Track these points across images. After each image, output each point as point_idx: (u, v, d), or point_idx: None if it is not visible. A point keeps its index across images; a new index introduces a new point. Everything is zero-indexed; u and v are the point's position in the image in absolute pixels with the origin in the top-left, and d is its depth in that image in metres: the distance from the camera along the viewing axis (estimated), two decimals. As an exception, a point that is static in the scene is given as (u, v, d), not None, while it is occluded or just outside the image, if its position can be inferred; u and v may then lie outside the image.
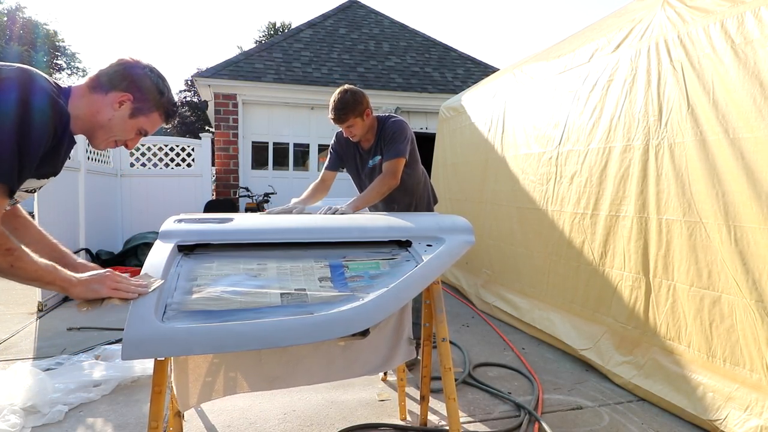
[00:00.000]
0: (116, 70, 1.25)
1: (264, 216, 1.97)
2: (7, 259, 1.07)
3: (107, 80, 1.24)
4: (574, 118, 3.11)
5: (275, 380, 1.77)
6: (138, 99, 1.26)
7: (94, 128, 1.25)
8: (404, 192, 2.70)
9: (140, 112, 1.27)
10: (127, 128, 1.28)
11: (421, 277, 1.43)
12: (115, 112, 1.24)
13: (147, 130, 1.32)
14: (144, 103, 1.27)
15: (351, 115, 2.44)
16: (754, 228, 1.93)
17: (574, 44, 3.34)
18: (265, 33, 30.83)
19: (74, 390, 2.32)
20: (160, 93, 1.30)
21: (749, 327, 1.95)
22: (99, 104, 1.23)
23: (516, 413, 2.24)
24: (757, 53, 1.94)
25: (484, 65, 9.17)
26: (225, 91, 7.37)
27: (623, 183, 2.66)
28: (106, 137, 1.28)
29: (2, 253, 1.07)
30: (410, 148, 2.58)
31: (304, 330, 1.18)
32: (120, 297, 1.17)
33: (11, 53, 21.29)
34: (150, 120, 1.31)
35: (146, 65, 1.29)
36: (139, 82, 1.26)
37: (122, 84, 1.24)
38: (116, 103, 1.24)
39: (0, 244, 1.06)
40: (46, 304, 3.98)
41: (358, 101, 2.46)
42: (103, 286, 1.18)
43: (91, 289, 1.17)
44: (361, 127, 2.51)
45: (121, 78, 1.24)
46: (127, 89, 1.24)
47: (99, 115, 1.24)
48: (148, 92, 1.27)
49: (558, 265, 3.20)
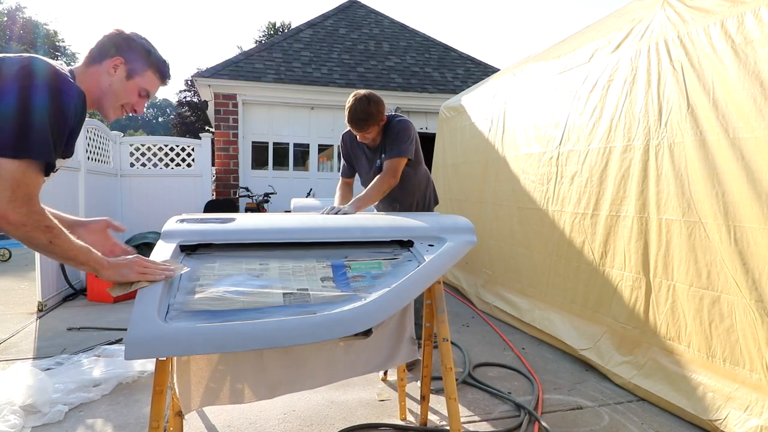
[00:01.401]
0: (104, 42, 1.34)
1: (266, 216, 1.97)
2: (47, 236, 1.13)
3: (98, 52, 1.33)
4: (574, 118, 3.11)
5: (279, 386, 1.75)
6: (129, 60, 1.34)
7: (100, 98, 1.34)
8: (406, 191, 2.71)
9: (135, 72, 1.36)
10: (128, 90, 1.36)
11: (423, 277, 1.44)
12: (112, 77, 1.33)
13: (148, 90, 1.39)
14: (136, 63, 1.35)
15: (372, 125, 2.46)
16: (754, 228, 1.94)
17: (574, 44, 3.35)
18: (265, 33, 30.83)
19: (74, 390, 2.32)
20: (147, 52, 1.38)
21: (749, 327, 1.95)
22: (97, 74, 1.33)
23: (516, 413, 2.24)
24: (758, 53, 1.94)
25: (484, 65, 9.18)
26: (225, 91, 7.37)
27: (624, 183, 2.66)
28: (113, 103, 1.35)
29: (42, 230, 1.13)
30: (414, 148, 2.58)
31: (307, 330, 1.18)
32: (148, 279, 1.23)
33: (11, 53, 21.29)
34: (146, 79, 1.38)
35: (129, 32, 1.38)
36: (126, 45, 1.35)
37: (111, 50, 1.33)
38: (111, 68, 1.33)
39: (40, 221, 1.12)
40: (46, 304, 3.98)
41: (380, 110, 2.46)
42: (132, 270, 1.24)
43: (120, 274, 1.23)
44: (376, 132, 2.54)
45: (110, 46, 1.34)
46: (116, 54, 1.33)
47: (100, 84, 1.32)
48: (136, 52, 1.36)
49: (558, 265, 3.21)
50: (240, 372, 1.70)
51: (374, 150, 2.66)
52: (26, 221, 1.10)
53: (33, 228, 1.11)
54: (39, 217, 1.12)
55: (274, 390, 1.76)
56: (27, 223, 1.10)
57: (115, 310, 4.02)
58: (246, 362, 1.71)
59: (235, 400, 1.71)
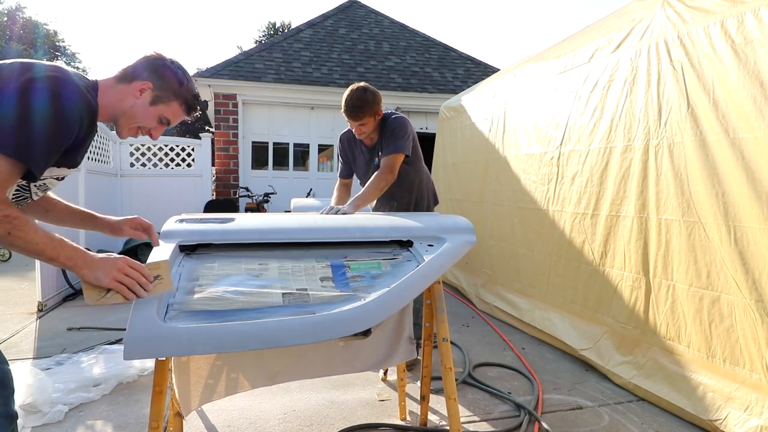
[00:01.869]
0: (140, 63, 1.34)
1: (265, 216, 1.97)
2: (5, 226, 1.04)
3: (131, 71, 1.33)
4: (575, 118, 3.11)
5: (277, 375, 1.78)
6: (158, 87, 1.33)
7: (118, 115, 1.32)
8: (404, 189, 2.70)
9: (160, 100, 1.34)
10: (148, 115, 1.34)
11: (422, 277, 1.43)
12: (136, 99, 1.32)
13: (168, 119, 1.38)
14: (164, 92, 1.34)
15: (367, 114, 2.44)
16: (754, 228, 1.94)
17: (574, 44, 3.34)
18: (265, 33, 30.82)
19: (74, 390, 2.32)
20: (180, 83, 1.36)
21: (749, 327, 1.95)
22: (123, 93, 1.31)
23: (516, 413, 2.24)
24: (757, 53, 1.94)
25: (484, 65, 9.18)
26: (225, 91, 7.38)
27: (624, 183, 2.66)
28: (129, 124, 1.34)
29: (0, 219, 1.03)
30: (411, 144, 2.58)
31: (306, 330, 1.18)
32: (123, 294, 1.13)
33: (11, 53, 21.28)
34: (170, 109, 1.37)
35: (169, 58, 1.38)
36: (160, 72, 1.34)
37: (144, 74, 1.32)
38: (137, 90, 1.32)
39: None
40: (46, 304, 3.98)
41: (376, 101, 2.46)
42: (107, 275, 1.14)
43: (94, 276, 1.13)
44: (372, 126, 2.52)
45: (143, 68, 1.33)
46: (148, 78, 1.32)
47: (122, 103, 1.31)
48: (167, 81, 1.34)
49: (558, 265, 3.21)
50: (238, 362, 1.71)
51: (371, 149, 2.66)
52: None
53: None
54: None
55: (273, 378, 1.78)
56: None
57: (115, 310, 4.02)
58: (244, 354, 1.73)
59: (233, 390, 1.72)
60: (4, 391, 1.16)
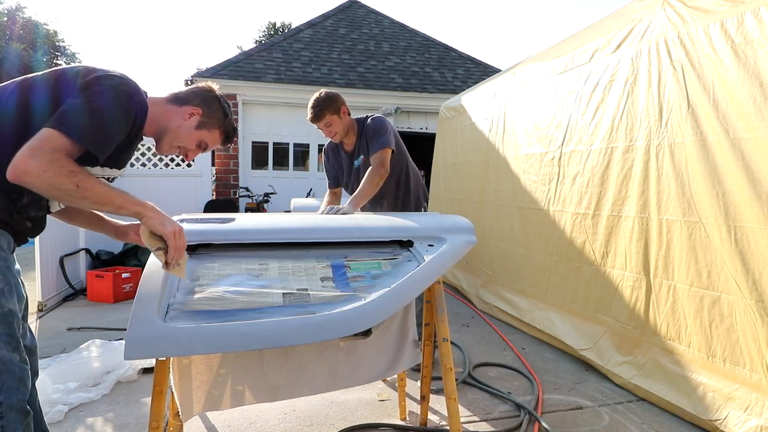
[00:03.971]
0: (193, 90, 1.47)
1: (266, 216, 1.97)
2: (73, 180, 1.10)
3: (184, 96, 1.45)
4: (576, 119, 3.11)
5: (278, 390, 1.74)
6: (206, 114, 1.45)
7: (164, 132, 1.42)
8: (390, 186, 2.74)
9: (205, 126, 1.46)
10: (191, 138, 1.45)
11: (422, 277, 1.43)
12: (184, 121, 1.43)
13: (207, 144, 1.49)
14: (210, 119, 1.46)
15: (327, 112, 2.53)
16: (754, 228, 1.94)
17: (575, 44, 3.34)
18: (265, 33, 30.80)
19: (74, 390, 2.32)
20: (225, 115, 1.50)
21: (749, 327, 1.95)
22: (173, 113, 1.42)
23: (516, 413, 2.24)
24: (757, 53, 1.94)
25: (484, 65, 9.18)
26: (225, 91, 7.25)
27: (625, 183, 2.66)
28: (172, 142, 1.44)
29: (66, 175, 1.09)
30: (394, 139, 2.61)
31: (307, 330, 1.18)
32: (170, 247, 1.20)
33: (11, 53, 21.26)
34: (212, 135, 1.48)
35: (219, 93, 1.51)
36: (210, 102, 1.47)
37: (195, 101, 1.45)
38: (187, 114, 1.43)
39: (63, 166, 1.09)
40: (46, 304, 3.98)
41: (332, 98, 2.56)
42: (171, 225, 1.21)
43: (161, 222, 1.20)
44: (340, 125, 2.59)
45: (196, 96, 1.46)
46: (198, 105, 1.44)
47: (170, 122, 1.42)
48: (215, 111, 1.47)
49: (559, 265, 3.21)
50: (241, 375, 1.69)
51: (351, 154, 2.75)
52: (47, 168, 1.07)
53: (56, 173, 1.08)
54: (62, 162, 1.09)
55: (274, 394, 1.75)
56: (48, 169, 1.07)
57: (116, 310, 4.03)
58: (246, 366, 1.70)
59: (237, 403, 1.70)
60: (23, 388, 1.22)
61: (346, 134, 2.65)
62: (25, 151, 1.08)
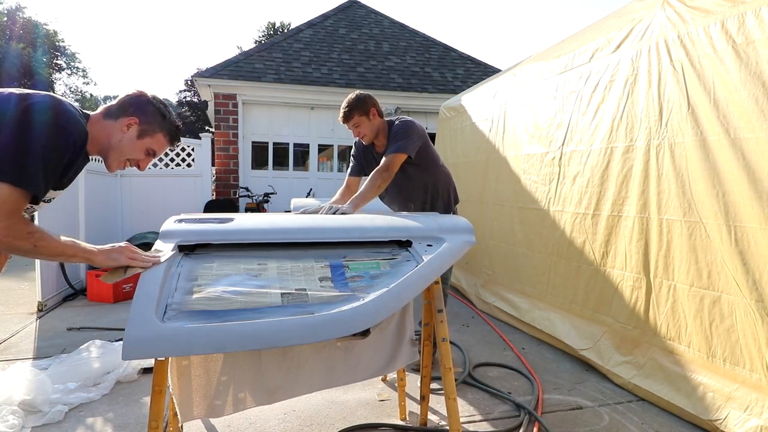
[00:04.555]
0: (125, 100, 1.44)
1: (264, 216, 1.96)
2: (30, 241, 1.22)
3: (116, 109, 1.43)
4: (577, 119, 3.11)
5: (276, 391, 1.73)
6: (143, 122, 1.44)
7: (107, 150, 1.43)
8: (418, 190, 2.72)
9: (146, 133, 1.45)
10: (136, 148, 1.45)
11: (421, 277, 1.43)
12: (123, 134, 1.42)
13: (155, 150, 1.49)
14: (149, 125, 1.45)
15: (355, 113, 2.54)
16: (754, 228, 1.93)
17: (575, 44, 3.34)
18: (264, 33, 30.81)
19: (74, 390, 2.32)
20: (163, 116, 1.47)
21: (749, 327, 1.95)
22: (110, 129, 1.42)
23: (516, 413, 2.24)
24: (759, 54, 1.94)
25: (484, 65, 9.17)
26: (225, 91, 7.37)
27: (625, 183, 2.66)
28: (118, 158, 1.45)
29: (25, 237, 1.21)
30: (419, 145, 2.58)
31: (305, 330, 1.18)
32: (138, 266, 1.30)
33: (11, 53, 21.27)
34: (156, 140, 1.48)
35: (150, 94, 1.48)
36: (144, 107, 1.45)
37: (129, 110, 1.43)
38: (125, 126, 1.42)
39: (21, 230, 1.21)
40: (46, 304, 3.98)
41: (362, 99, 2.57)
42: (122, 255, 1.33)
43: (111, 258, 1.32)
44: (368, 127, 2.58)
45: (128, 105, 1.43)
46: (133, 114, 1.43)
47: (111, 138, 1.42)
48: (151, 116, 1.45)
49: (559, 265, 3.20)
50: (240, 379, 1.68)
51: (381, 154, 2.70)
52: (6, 233, 1.19)
53: (14, 238, 1.20)
54: (19, 227, 1.21)
55: (272, 395, 1.74)
56: (7, 234, 1.19)
57: (115, 310, 4.03)
58: (244, 367, 1.69)
59: (237, 408, 1.70)
60: None
61: (376, 136, 2.63)
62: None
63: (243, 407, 1.72)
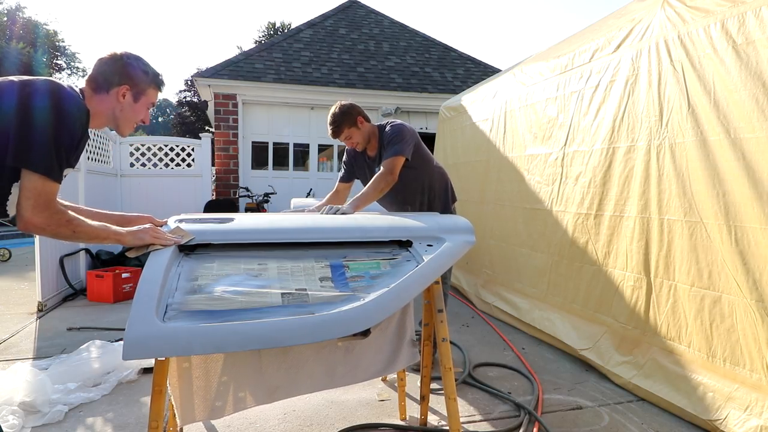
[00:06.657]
0: (105, 70, 1.47)
1: (265, 216, 1.96)
2: (69, 227, 1.33)
3: (103, 81, 1.47)
4: (578, 119, 3.11)
5: (277, 390, 1.73)
6: (133, 86, 1.50)
7: (114, 121, 1.52)
8: (415, 192, 2.73)
9: (140, 95, 1.52)
10: (137, 110, 1.54)
11: (421, 277, 1.43)
12: (121, 103, 1.49)
13: (153, 102, 1.58)
14: (139, 86, 1.51)
15: (344, 126, 2.57)
16: (755, 228, 1.93)
17: (575, 44, 3.34)
18: (264, 33, 30.81)
19: (74, 390, 2.32)
20: (145, 72, 1.53)
21: (749, 327, 1.95)
22: (107, 102, 1.48)
23: (516, 413, 2.24)
24: (760, 54, 1.94)
25: (484, 65, 9.17)
26: (225, 91, 7.37)
27: (627, 183, 2.66)
28: (127, 124, 1.54)
29: (65, 225, 1.32)
30: (411, 147, 2.59)
31: (305, 330, 1.18)
32: (161, 243, 1.42)
33: (11, 53, 21.26)
34: (149, 96, 1.56)
35: (122, 53, 1.51)
36: (127, 72, 1.49)
37: (115, 79, 1.47)
38: (120, 96, 1.48)
39: (61, 218, 1.32)
40: (46, 304, 3.98)
41: (346, 112, 2.58)
42: (147, 234, 1.45)
43: (138, 238, 1.44)
44: (359, 136, 2.61)
45: (112, 75, 1.47)
46: (120, 82, 1.47)
47: (113, 111, 1.49)
48: (137, 77, 1.50)
49: (560, 266, 3.20)
50: (241, 379, 1.69)
51: (374, 159, 2.72)
52: (49, 223, 1.30)
53: (57, 226, 1.31)
54: (59, 217, 1.31)
55: (272, 394, 1.74)
56: (50, 224, 1.30)
57: (115, 310, 4.03)
58: (245, 367, 1.69)
59: (238, 408, 1.70)
60: None
61: (368, 142, 2.66)
62: (28, 208, 1.26)
63: (243, 407, 1.72)
